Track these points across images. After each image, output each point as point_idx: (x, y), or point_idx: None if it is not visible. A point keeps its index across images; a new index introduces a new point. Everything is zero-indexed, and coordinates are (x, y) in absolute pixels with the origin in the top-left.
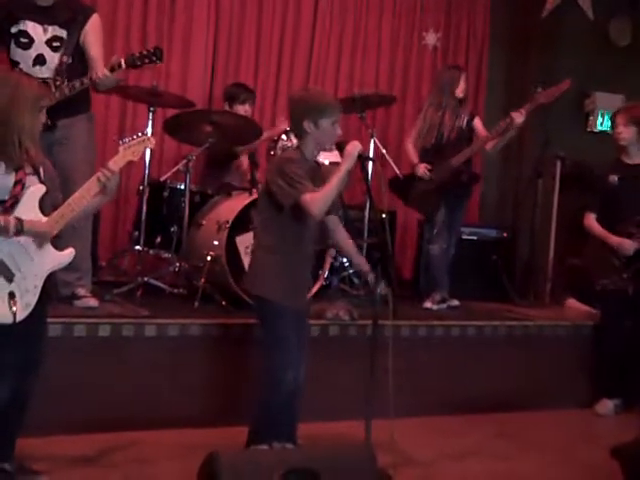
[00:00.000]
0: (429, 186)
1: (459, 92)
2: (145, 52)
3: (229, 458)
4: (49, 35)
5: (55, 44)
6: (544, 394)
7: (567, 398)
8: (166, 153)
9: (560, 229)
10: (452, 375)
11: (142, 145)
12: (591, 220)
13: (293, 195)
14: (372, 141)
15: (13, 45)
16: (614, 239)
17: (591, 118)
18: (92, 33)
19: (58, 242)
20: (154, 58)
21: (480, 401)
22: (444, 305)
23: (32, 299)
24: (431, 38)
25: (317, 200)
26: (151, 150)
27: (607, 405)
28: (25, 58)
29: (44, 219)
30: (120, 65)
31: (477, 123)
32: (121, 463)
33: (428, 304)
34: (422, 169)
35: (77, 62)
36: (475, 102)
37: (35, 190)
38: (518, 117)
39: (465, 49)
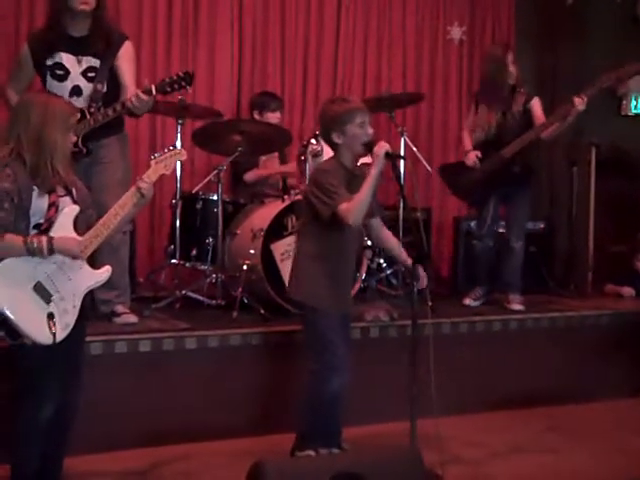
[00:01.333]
0: (477, 176)
1: (511, 72)
2: (175, 77)
3: (275, 466)
4: (84, 66)
5: (90, 74)
6: (591, 385)
7: (615, 387)
8: (197, 164)
9: (599, 217)
10: (495, 370)
11: (173, 158)
12: None
13: (330, 206)
14: (403, 139)
15: (49, 77)
16: None
17: (624, 102)
18: (124, 60)
19: (96, 261)
20: (184, 84)
21: (525, 395)
22: (480, 301)
23: (71, 319)
24: (456, 32)
25: (352, 209)
26: (181, 162)
27: None
28: (61, 90)
29: (79, 239)
30: (150, 92)
31: (535, 105)
32: (168, 477)
33: (467, 301)
34: (472, 158)
35: (111, 90)
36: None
37: (69, 211)
38: (580, 103)
39: (491, 40)
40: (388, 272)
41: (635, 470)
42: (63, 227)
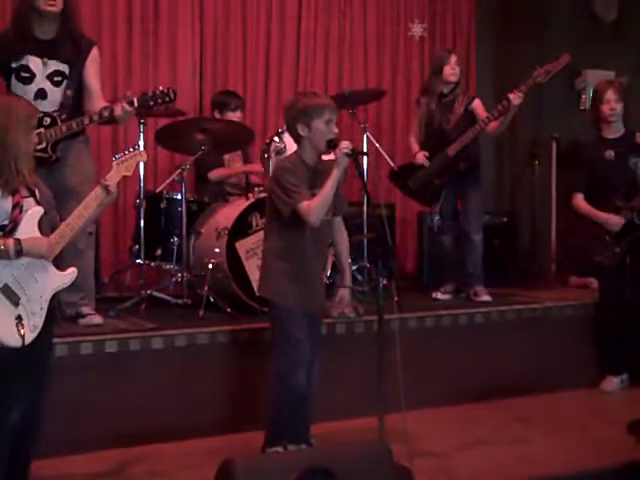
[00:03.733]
0: (425, 176)
1: (449, 76)
2: (158, 92)
3: (244, 463)
4: (50, 69)
5: (56, 78)
6: (556, 376)
7: (578, 378)
8: (160, 164)
9: (560, 210)
10: (462, 363)
11: (135, 159)
12: (578, 200)
13: (290, 204)
14: (365, 136)
15: (14, 79)
16: (601, 215)
17: (583, 96)
18: (92, 66)
19: (61, 263)
20: (167, 99)
21: (492, 387)
22: (450, 295)
23: (39, 321)
24: (417, 29)
25: (313, 208)
26: (144, 162)
27: (612, 382)
28: (26, 92)
29: (47, 239)
30: (132, 103)
31: (477, 105)
32: (138, 477)
33: (437, 294)
34: (420, 157)
35: (78, 96)
36: (466, 88)
37: (33, 212)
38: (516, 98)
39: (452, 37)
40: (353, 268)
41: (601, 458)
42: (28, 229)
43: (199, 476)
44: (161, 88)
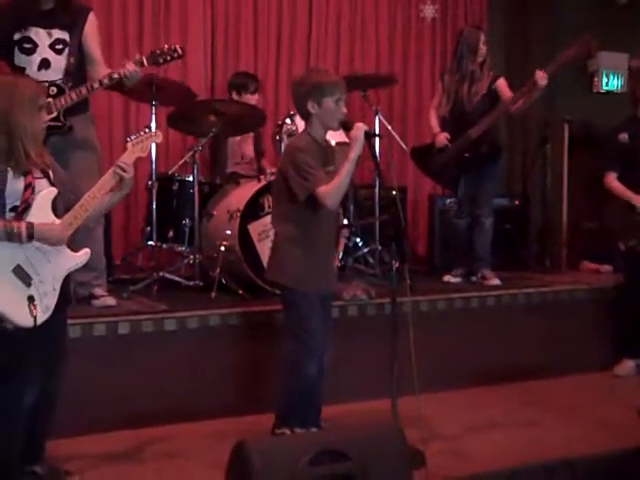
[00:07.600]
0: (447, 158)
1: (481, 55)
2: (166, 49)
3: (258, 445)
4: (53, 38)
5: (58, 47)
6: (566, 359)
7: (589, 361)
8: (172, 146)
9: (572, 193)
10: (474, 347)
11: (150, 140)
12: (612, 180)
13: (307, 187)
14: (377, 118)
15: (17, 51)
16: (638, 197)
17: (595, 79)
18: (91, 33)
19: (72, 243)
20: (176, 55)
21: (503, 371)
22: (460, 279)
23: (51, 302)
24: (429, 10)
25: (330, 192)
26: (156, 144)
27: (627, 366)
28: (30, 63)
29: (57, 221)
30: (142, 63)
31: (501, 85)
32: (150, 458)
33: (447, 277)
34: (442, 139)
35: (80, 63)
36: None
37: (46, 193)
38: (542, 79)
39: (464, 18)
40: (365, 251)
41: (612, 442)
42: (41, 210)
43: (212, 457)
44: (167, 45)
